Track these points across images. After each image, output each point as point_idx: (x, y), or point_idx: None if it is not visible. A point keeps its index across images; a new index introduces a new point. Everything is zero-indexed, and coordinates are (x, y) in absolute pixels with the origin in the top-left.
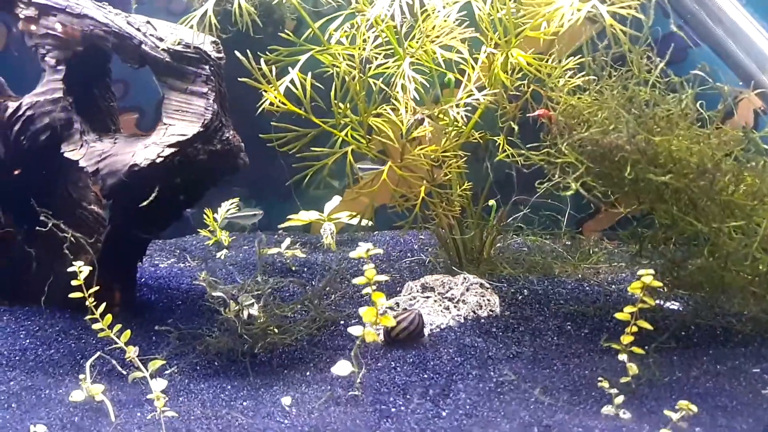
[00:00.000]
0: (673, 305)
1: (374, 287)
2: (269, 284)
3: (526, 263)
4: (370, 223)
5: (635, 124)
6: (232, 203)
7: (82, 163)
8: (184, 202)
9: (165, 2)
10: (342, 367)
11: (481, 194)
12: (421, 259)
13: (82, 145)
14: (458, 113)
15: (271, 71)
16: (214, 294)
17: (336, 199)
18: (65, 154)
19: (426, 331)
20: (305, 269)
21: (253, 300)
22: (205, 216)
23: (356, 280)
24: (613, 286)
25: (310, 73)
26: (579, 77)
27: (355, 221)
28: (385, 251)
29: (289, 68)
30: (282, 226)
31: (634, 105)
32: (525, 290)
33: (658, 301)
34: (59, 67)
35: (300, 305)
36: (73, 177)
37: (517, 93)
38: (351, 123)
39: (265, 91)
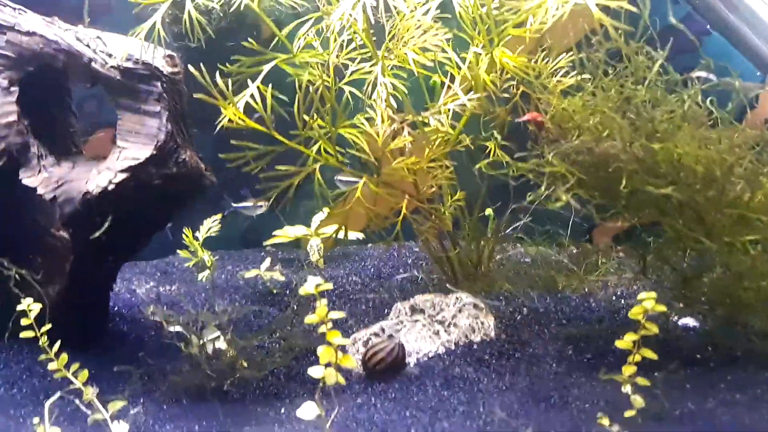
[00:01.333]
0: (689, 322)
1: (329, 326)
2: (236, 312)
3: (527, 277)
4: (362, 236)
5: (631, 129)
6: (213, 221)
7: (39, 190)
8: (150, 227)
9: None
10: (307, 410)
11: (475, 204)
12: (413, 275)
13: (39, 171)
14: (439, 120)
15: (235, 83)
16: (171, 329)
17: (324, 213)
18: (23, 181)
19: (412, 360)
20: (287, 291)
21: (218, 332)
22: (184, 235)
23: (308, 319)
24: (622, 301)
25: (270, 85)
26: (571, 77)
27: (348, 235)
28: (376, 267)
29: (249, 81)
30: (268, 243)
31: (631, 107)
32: (524, 309)
33: (672, 318)
34: (12, 89)
35: (270, 334)
36: (38, 203)
37: (507, 96)
38: (318, 137)
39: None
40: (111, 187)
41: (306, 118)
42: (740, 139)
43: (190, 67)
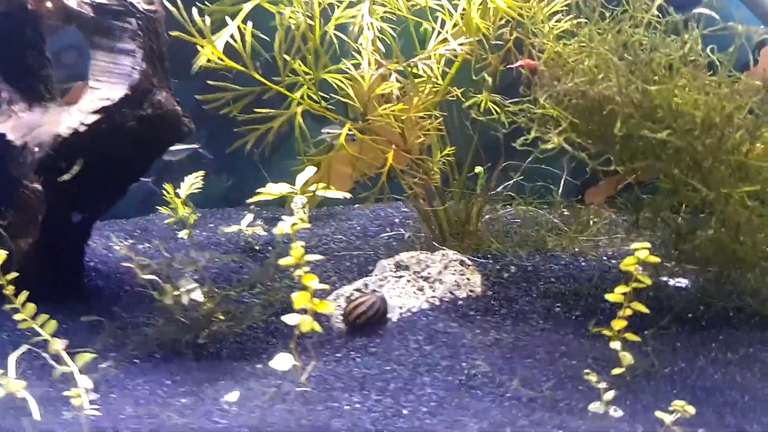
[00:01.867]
0: (680, 282)
1: (306, 269)
2: (214, 262)
3: (517, 237)
4: (349, 195)
5: (627, 71)
6: (197, 177)
7: (9, 136)
8: (126, 177)
9: None
10: (281, 361)
11: (465, 159)
12: (400, 234)
13: (10, 116)
14: (429, 66)
15: (214, 23)
16: (144, 277)
17: (310, 170)
18: None
19: (395, 316)
20: (270, 248)
21: (195, 283)
22: (165, 192)
23: (283, 261)
24: (613, 261)
25: (250, 23)
26: (567, 20)
27: (334, 194)
28: (363, 226)
29: (228, 20)
30: (251, 200)
31: (628, 50)
32: (512, 267)
33: (663, 278)
34: None
35: (250, 288)
36: (10, 153)
37: (500, 43)
38: (303, 81)
39: (201, 47)
40: (82, 128)
41: (287, 58)
42: (741, 87)
43: (167, 3)
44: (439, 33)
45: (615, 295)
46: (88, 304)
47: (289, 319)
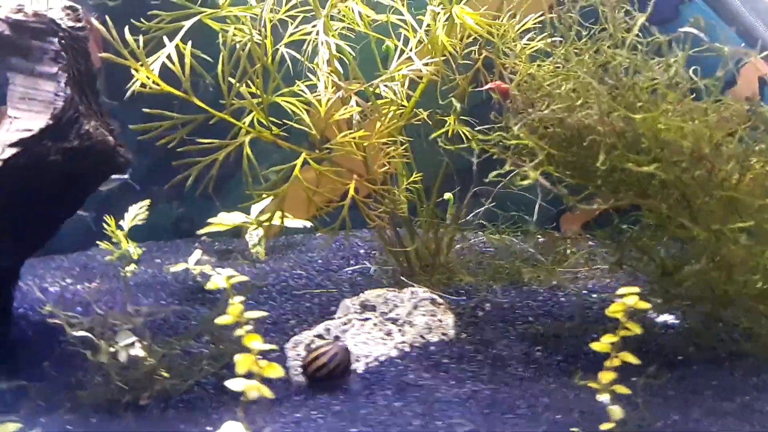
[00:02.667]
0: (668, 319)
1: (248, 328)
2: (155, 312)
3: (490, 269)
4: (309, 224)
5: (610, 97)
6: (141, 207)
7: None
8: (56, 213)
9: None
10: (229, 431)
11: (433, 186)
12: (365, 267)
13: None
14: (392, 89)
15: (150, 42)
16: (74, 334)
17: (266, 198)
18: None
19: (360, 366)
20: (221, 287)
21: (134, 337)
22: (105, 225)
23: (220, 320)
24: (594, 296)
25: (190, 43)
26: (540, 39)
27: (293, 223)
28: (324, 259)
29: (166, 39)
30: (202, 231)
31: (609, 73)
32: (487, 304)
33: (648, 315)
34: None
35: (197, 337)
36: None
37: (469, 62)
38: (251, 106)
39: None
40: None
41: (233, 81)
42: (729, 113)
43: (94, 21)
44: (402, 51)
45: (601, 345)
46: (15, 359)
47: (233, 384)
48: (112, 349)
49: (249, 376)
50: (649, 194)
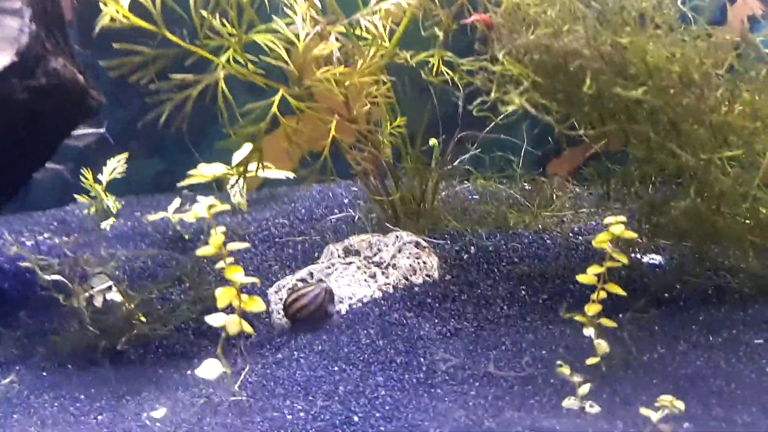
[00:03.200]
0: (654, 259)
1: (229, 260)
2: (133, 258)
3: (476, 214)
4: (292, 175)
5: (595, 21)
6: (119, 161)
7: None
8: (27, 160)
9: None
10: (207, 369)
11: (418, 131)
12: (349, 216)
13: None
14: (373, 23)
15: None
16: (47, 278)
17: (246, 148)
18: None
19: (344, 307)
20: (201, 236)
21: (110, 282)
22: (83, 178)
23: (201, 251)
24: (580, 238)
25: None
26: None
27: (274, 174)
28: (307, 209)
29: None
30: (182, 184)
31: None
32: (472, 247)
33: (634, 255)
34: None
35: (176, 283)
36: None
37: None
38: (227, 42)
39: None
40: None
41: (205, 14)
42: (720, 39)
43: None
44: None
45: (587, 277)
46: None
47: (213, 319)
48: (87, 294)
49: (230, 312)
50: (637, 121)
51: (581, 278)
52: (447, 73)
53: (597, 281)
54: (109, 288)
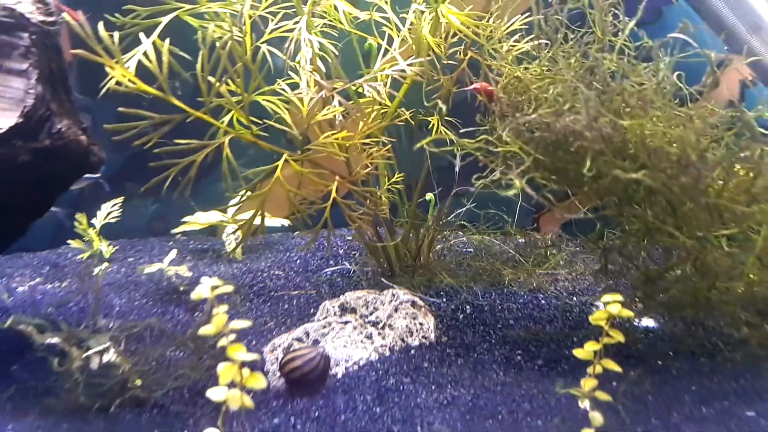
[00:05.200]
0: (648, 323)
1: (231, 338)
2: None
3: (471, 269)
4: (287, 223)
5: (597, 102)
6: (114, 205)
7: None
8: (26, 214)
9: None
10: None
11: (415, 187)
12: (345, 268)
13: None
14: (375, 89)
15: (125, 39)
16: (44, 342)
17: (243, 198)
18: None
19: (340, 370)
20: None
21: (109, 343)
22: (77, 222)
23: (203, 330)
24: (575, 299)
25: (167, 41)
26: (526, 41)
27: (270, 222)
28: (303, 259)
29: (143, 36)
30: (177, 230)
31: (597, 77)
32: (467, 306)
33: (628, 320)
34: None
35: (175, 344)
36: None
37: (454, 63)
38: (230, 105)
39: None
40: None
41: (212, 80)
42: (715, 119)
43: (66, 15)
44: (386, 51)
45: (584, 352)
46: None
47: (214, 394)
48: (84, 355)
49: (231, 385)
50: (635, 200)
51: (578, 353)
52: (447, 136)
53: (593, 357)
54: (107, 349)
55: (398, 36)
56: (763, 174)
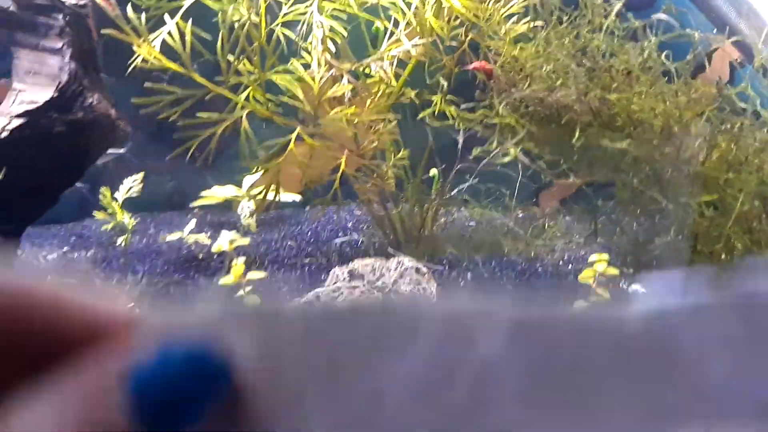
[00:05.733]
0: (639, 288)
1: (248, 289)
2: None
3: (472, 241)
4: (299, 198)
5: (586, 78)
6: (135, 180)
7: None
8: (57, 184)
9: None
10: None
11: (419, 163)
12: (353, 239)
13: None
14: (382, 68)
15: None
16: None
17: (257, 172)
18: None
19: None
20: (215, 256)
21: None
22: (101, 196)
23: (223, 280)
24: (570, 266)
25: (190, 20)
26: (523, 23)
27: (282, 197)
28: (314, 231)
29: (167, 17)
30: (195, 204)
31: (587, 56)
32: (468, 274)
33: (621, 284)
34: None
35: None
36: None
37: (455, 44)
38: (248, 82)
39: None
40: (4, 134)
41: (231, 58)
42: (698, 95)
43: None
44: (392, 33)
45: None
46: None
47: None
48: None
49: None
50: (622, 169)
51: None
52: (449, 114)
53: None
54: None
55: (403, 19)
56: (741, 146)
